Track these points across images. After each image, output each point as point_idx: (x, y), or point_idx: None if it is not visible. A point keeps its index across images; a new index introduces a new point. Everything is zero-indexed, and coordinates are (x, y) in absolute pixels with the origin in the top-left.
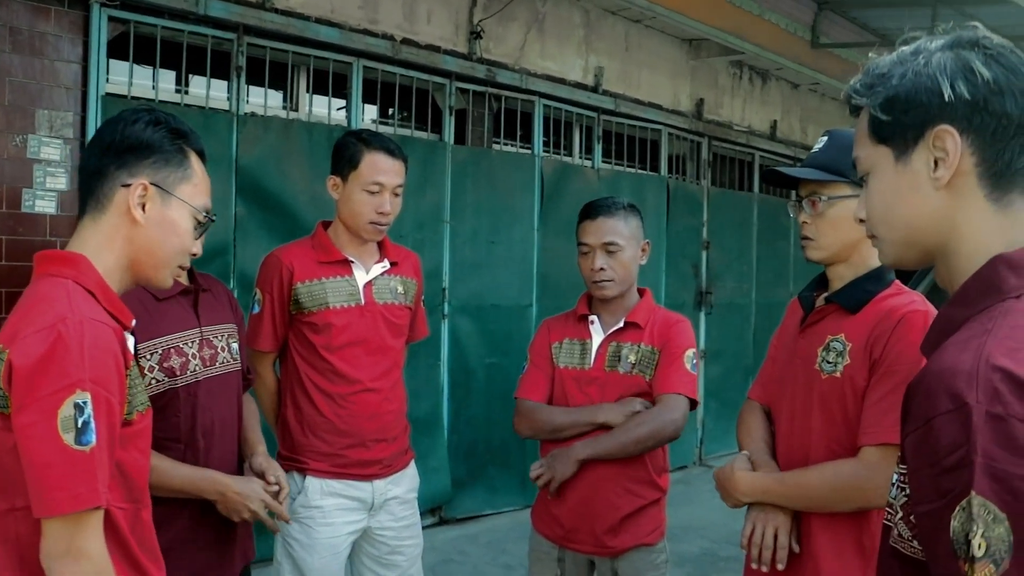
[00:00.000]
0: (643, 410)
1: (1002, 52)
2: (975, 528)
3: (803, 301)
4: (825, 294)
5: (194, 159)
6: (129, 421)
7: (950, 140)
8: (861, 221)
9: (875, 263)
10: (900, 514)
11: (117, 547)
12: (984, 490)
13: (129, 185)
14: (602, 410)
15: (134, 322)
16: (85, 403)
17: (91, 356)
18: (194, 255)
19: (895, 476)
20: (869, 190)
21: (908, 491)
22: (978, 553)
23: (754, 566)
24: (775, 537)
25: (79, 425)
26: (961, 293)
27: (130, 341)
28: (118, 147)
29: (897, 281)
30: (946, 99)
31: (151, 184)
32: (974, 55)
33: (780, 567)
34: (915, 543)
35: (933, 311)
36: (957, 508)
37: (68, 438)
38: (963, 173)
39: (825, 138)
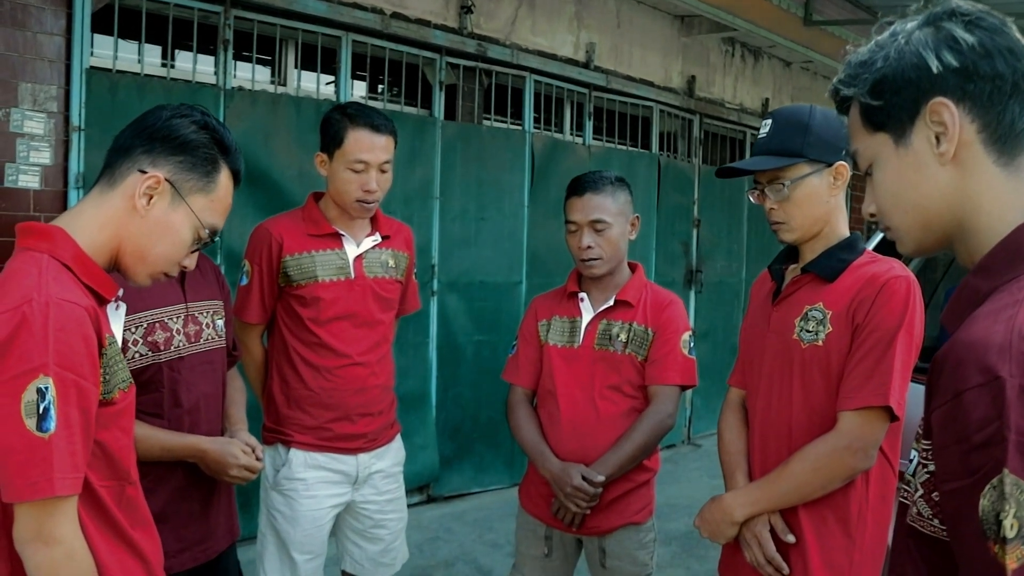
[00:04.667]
0: (591, 488)
1: (981, 16)
2: (1007, 508)
3: (773, 273)
4: (797, 265)
5: (224, 176)
6: (109, 400)
7: (946, 112)
8: (872, 216)
9: (845, 232)
10: (920, 491)
11: (105, 524)
12: (1017, 468)
13: (145, 172)
14: (548, 461)
15: (121, 291)
16: (47, 388)
17: (56, 339)
18: (184, 268)
19: (914, 452)
20: (875, 181)
21: (931, 468)
22: (1009, 534)
23: None
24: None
25: (40, 411)
26: (986, 263)
27: (120, 311)
28: (154, 133)
29: (869, 250)
30: (935, 71)
31: (166, 180)
32: (953, 24)
33: (792, 539)
34: (935, 522)
35: (914, 278)
36: (987, 486)
37: (30, 423)
38: (967, 143)
39: (769, 122)
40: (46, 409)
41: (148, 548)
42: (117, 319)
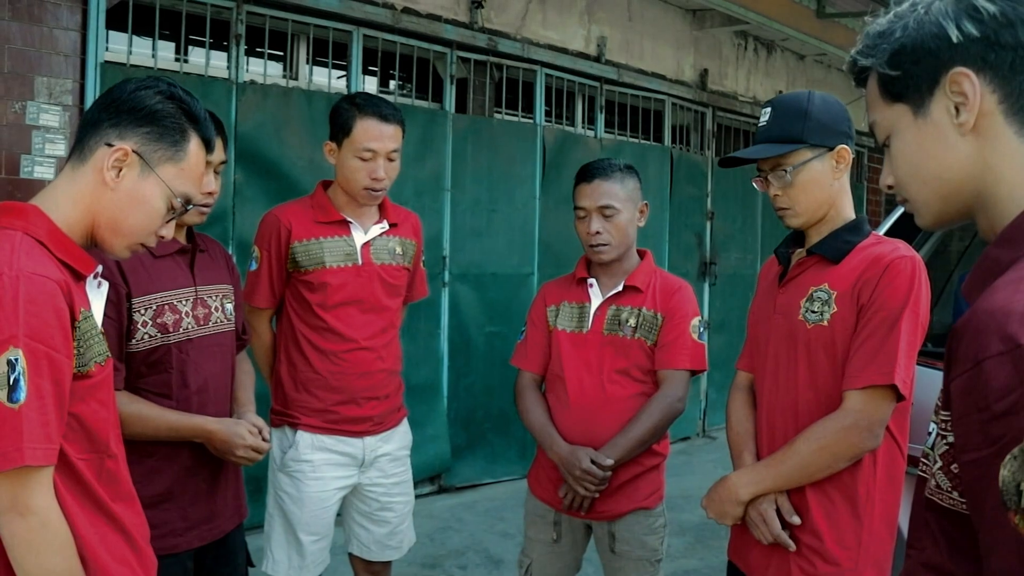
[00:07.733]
0: (600, 471)
1: None
2: None
3: (780, 257)
4: (803, 248)
5: (194, 144)
6: (85, 374)
7: (966, 82)
8: (889, 188)
9: (851, 215)
10: (939, 463)
11: (84, 497)
12: None
13: (112, 145)
14: (556, 445)
15: (100, 268)
16: (16, 360)
17: (27, 312)
18: (161, 238)
19: (933, 425)
20: (892, 153)
21: (950, 440)
22: None
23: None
24: (776, 513)
25: (10, 383)
26: (1008, 233)
27: (102, 289)
28: (120, 106)
29: (874, 232)
30: (955, 41)
31: (134, 152)
32: None
33: (797, 521)
34: (955, 494)
35: (919, 258)
36: (1008, 456)
37: (1, 395)
38: (987, 113)
39: (768, 109)
40: (16, 380)
41: (130, 522)
42: (99, 296)
